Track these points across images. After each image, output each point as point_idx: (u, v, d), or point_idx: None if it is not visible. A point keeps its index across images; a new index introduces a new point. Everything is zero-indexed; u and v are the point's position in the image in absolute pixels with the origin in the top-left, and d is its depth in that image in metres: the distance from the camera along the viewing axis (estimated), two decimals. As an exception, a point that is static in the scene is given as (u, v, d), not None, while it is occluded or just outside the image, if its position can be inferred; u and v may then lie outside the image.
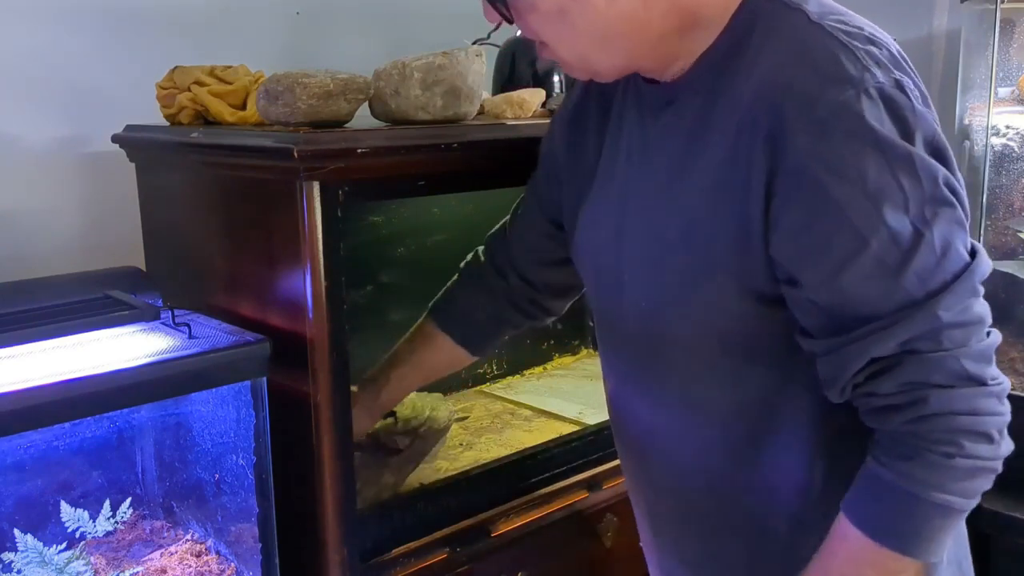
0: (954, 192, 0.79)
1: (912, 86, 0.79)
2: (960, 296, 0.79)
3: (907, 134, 0.77)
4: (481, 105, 1.37)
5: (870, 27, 0.83)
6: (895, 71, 0.78)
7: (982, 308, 0.81)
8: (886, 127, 0.76)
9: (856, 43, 0.78)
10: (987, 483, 0.81)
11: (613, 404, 1.12)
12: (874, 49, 0.79)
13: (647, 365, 1.00)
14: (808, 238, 0.80)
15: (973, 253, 0.81)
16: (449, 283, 1.33)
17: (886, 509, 0.82)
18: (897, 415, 0.81)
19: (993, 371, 0.82)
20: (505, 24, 0.94)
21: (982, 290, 0.82)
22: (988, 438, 0.80)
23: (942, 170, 0.78)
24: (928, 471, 0.80)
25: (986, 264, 0.82)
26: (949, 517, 0.81)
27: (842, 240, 0.78)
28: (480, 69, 1.25)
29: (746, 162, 0.81)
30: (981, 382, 0.80)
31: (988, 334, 0.82)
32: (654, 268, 0.93)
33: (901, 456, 0.81)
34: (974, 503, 0.82)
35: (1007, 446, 0.82)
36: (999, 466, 0.81)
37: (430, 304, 1.33)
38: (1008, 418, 0.82)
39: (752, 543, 0.98)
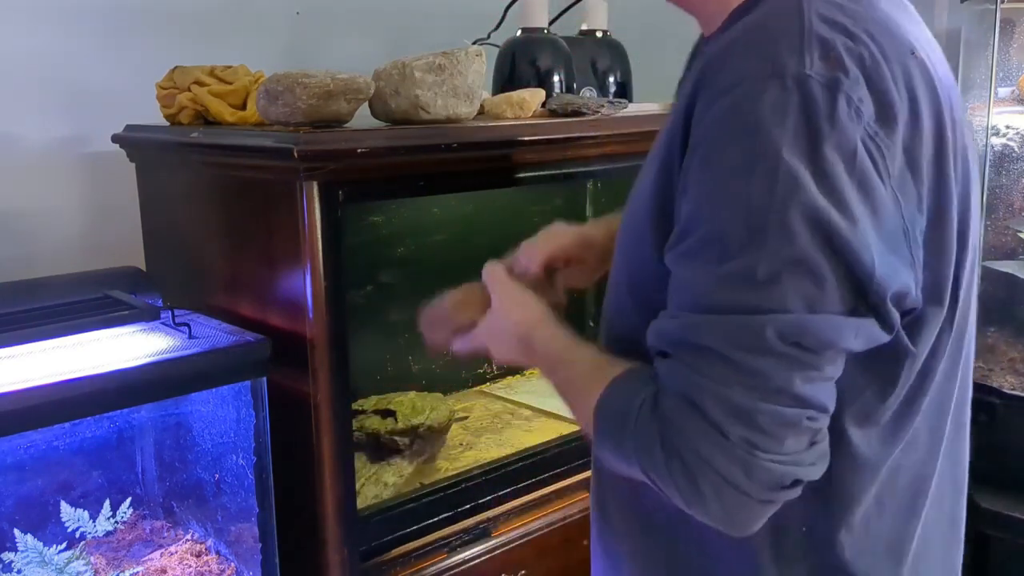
0: (821, 230, 0.66)
1: (858, 97, 0.68)
2: (743, 334, 0.66)
3: (810, 139, 0.67)
4: (481, 105, 1.37)
5: (883, 17, 0.73)
6: (841, 71, 0.68)
7: (777, 374, 0.66)
8: (784, 121, 0.66)
9: (820, 28, 0.70)
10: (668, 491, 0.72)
11: None
12: (835, 41, 0.69)
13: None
14: (680, 205, 0.74)
15: (815, 312, 0.67)
16: None
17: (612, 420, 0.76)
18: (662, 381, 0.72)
19: (745, 434, 0.66)
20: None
21: (797, 357, 0.67)
22: (696, 485, 0.68)
23: (812, 197, 0.66)
24: (643, 447, 0.71)
25: (820, 332, 0.67)
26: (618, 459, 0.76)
27: (688, 213, 0.72)
28: (480, 69, 1.25)
29: (673, 131, 0.77)
30: (716, 427, 0.67)
31: (766, 393, 0.66)
32: (618, 246, 0.90)
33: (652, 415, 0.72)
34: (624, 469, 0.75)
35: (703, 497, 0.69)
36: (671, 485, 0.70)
37: None
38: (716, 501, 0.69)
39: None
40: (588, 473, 1.51)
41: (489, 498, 1.40)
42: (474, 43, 1.88)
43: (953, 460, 0.89)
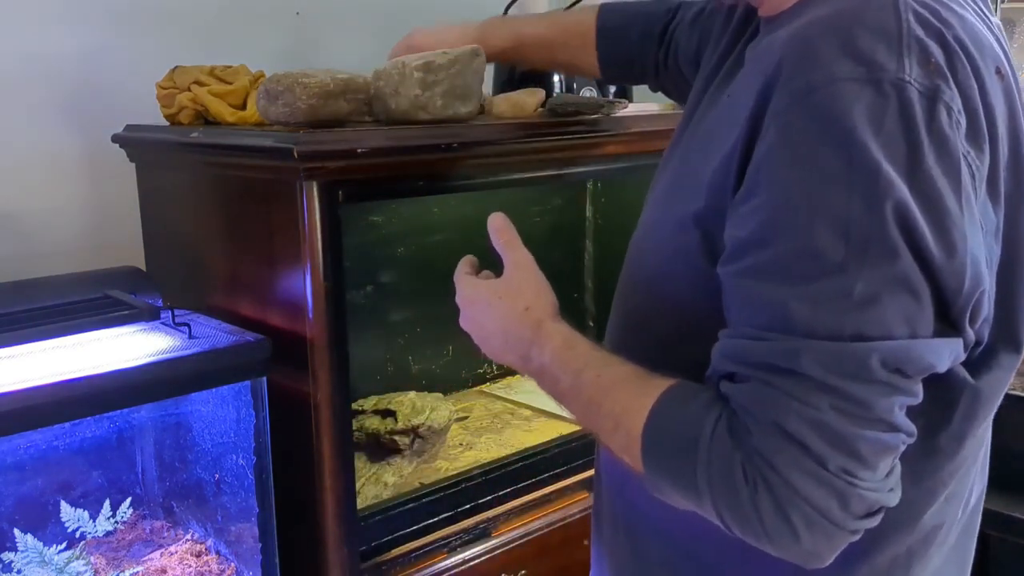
0: (917, 249, 0.62)
1: (956, 107, 0.63)
2: (843, 361, 0.62)
3: (909, 151, 0.62)
4: (481, 105, 1.37)
5: (972, 28, 0.68)
6: (941, 80, 0.63)
7: (873, 397, 0.62)
8: (879, 132, 0.61)
9: (918, 30, 0.64)
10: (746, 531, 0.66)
11: None
12: (934, 46, 0.64)
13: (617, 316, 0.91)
14: (742, 207, 0.68)
15: (914, 336, 0.63)
16: None
17: (666, 436, 0.70)
18: (733, 401, 0.67)
19: (845, 463, 0.62)
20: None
21: (896, 384, 0.63)
22: (786, 518, 0.63)
23: (912, 212, 0.62)
24: (719, 479, 0.66)
25: (919, 358, 0.63)
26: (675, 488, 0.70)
27: (762, 221, 0.65)
28: (480, 69, 1.25)
29: (733, 120, 0.71)
30: (814, 457, 0.62)
31: (869, 423, 0.63)
32: (650, 210, 0.86)
33: (725, 431, 0.66)
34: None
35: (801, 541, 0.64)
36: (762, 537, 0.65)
37: None
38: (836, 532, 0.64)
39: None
40: (588, 473, 1.51)
41: (489, 498, 1.40)
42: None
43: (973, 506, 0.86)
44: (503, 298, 0.86)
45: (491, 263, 1.02)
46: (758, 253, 0.65)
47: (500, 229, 0.89)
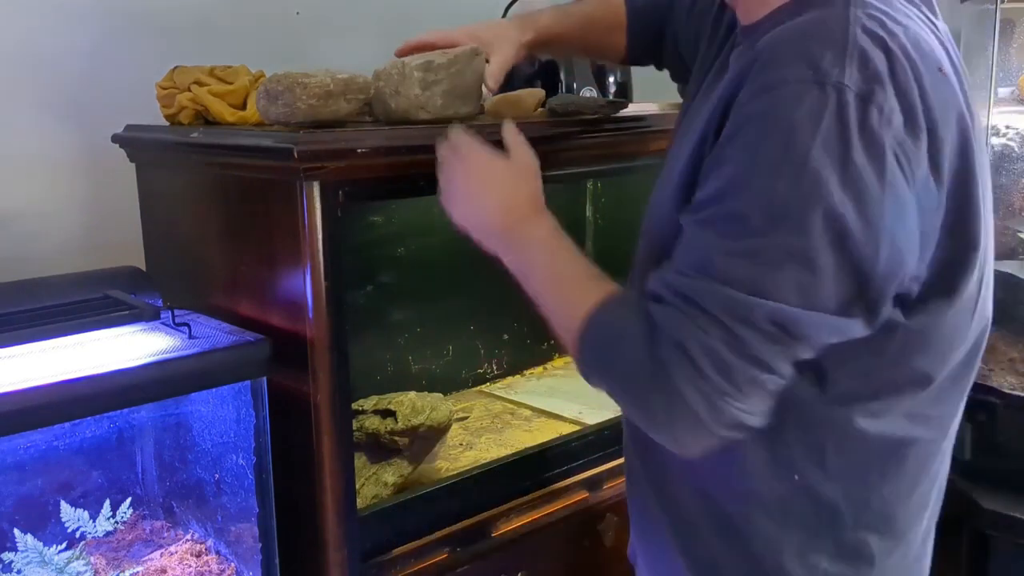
0: (837, 232, 0.75)
1: (890, 107, 0.76)
2: (739, 308, 0.77)
3: (841, 144, 0.74)
4: (481, 105, 1.37)
5: (915, 35, 0.81)
6: (878, 84, 0.76)
7: (758, 347, 0.77)
8: (817, 129, 0.74)
9: (863, 40, 0.77)
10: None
11: None
12: (877, 54, 0.77)
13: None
14: (710, 175, 0.82)
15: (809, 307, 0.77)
16: None
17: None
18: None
19: (721, 383, 0.78)
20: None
21: (778, 338, 0.77)
22: (670, 414, 0.81)
23: (833, 199, 0.74)
24: (630, 373, 0.84)
25: (801, 326, 0.77)
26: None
27: (717, 187, 0.80)
28: (480, 69, 1.25)
29: (713, 113, 0.85)
30: (699, 370, 0.78)
31: (752, 374, 0.78)
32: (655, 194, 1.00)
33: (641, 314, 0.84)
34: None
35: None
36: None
37: None
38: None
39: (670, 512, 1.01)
40: (588, 473, 1.51)
41: (489, 498, 1.40)
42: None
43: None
44: (517, 175, 1.04)
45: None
46: (706, 210, 0.81)
47: (513, 129, 1.08)
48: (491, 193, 1.03)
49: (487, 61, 1.24)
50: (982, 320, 0.94)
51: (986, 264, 0.91)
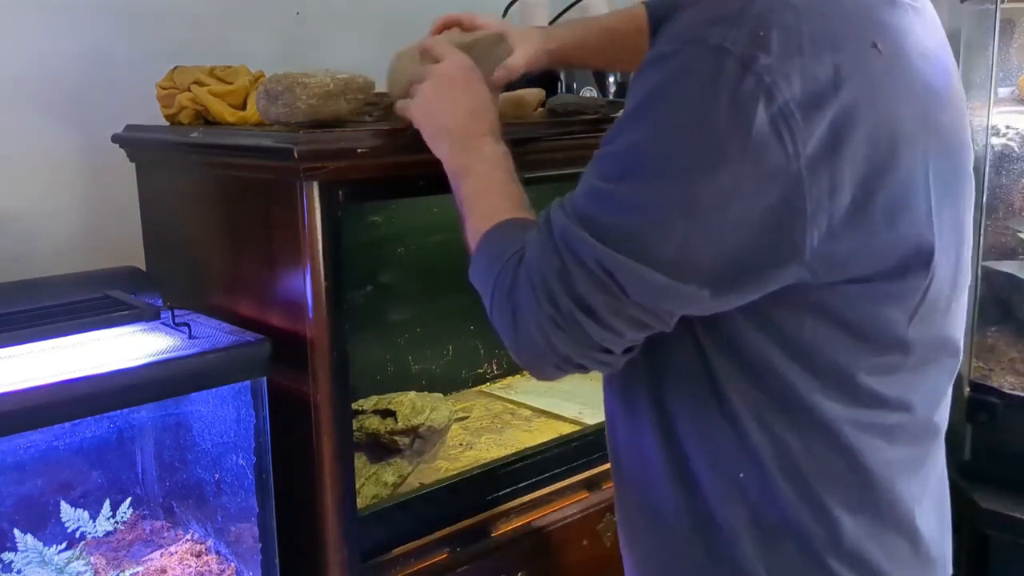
0: (680, 186, 0.74)
1: (771, 81, 0.71)
2: (577, 246, 0.79)
3: (704, 106, 0.72)
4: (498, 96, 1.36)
5: (841, 9, 0.76)
6: (762, 54, 0.71)
7: (580, 284, 0.79)
8: (687, 82, 0.73)
9: (761, 7, 0.73)
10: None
11: None
12: (772, 24, 0.72)
13: None
14: None
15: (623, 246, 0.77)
16: None
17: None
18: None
19: (548, 307, 0.82)
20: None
21: (603, 281, 0.78)
22: (515, 326, 0.87)
23: (681, 158, 0.74)
24: (498, 287, 0.89)
25: (627, 277, 0.77)
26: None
27: (609, 135, 0.82)
28: (502, 56, 1.16)
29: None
30: (532, 288, 0.83)
31: (572, 310, 0.81)
32: None
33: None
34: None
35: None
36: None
37: None
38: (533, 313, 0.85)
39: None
40: (588, 473, 1.51)
41: (489, 498, 1.40)
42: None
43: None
44: (489, 95, 1.08)
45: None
46: (598, 152, 0.82)
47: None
48: (464, 98, 1.06)
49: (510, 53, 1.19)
50: (934, 336, 0.86)
51: (946, 279, 0.84)
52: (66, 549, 1.17)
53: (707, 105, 0.72)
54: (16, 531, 1.13)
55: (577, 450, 1.51)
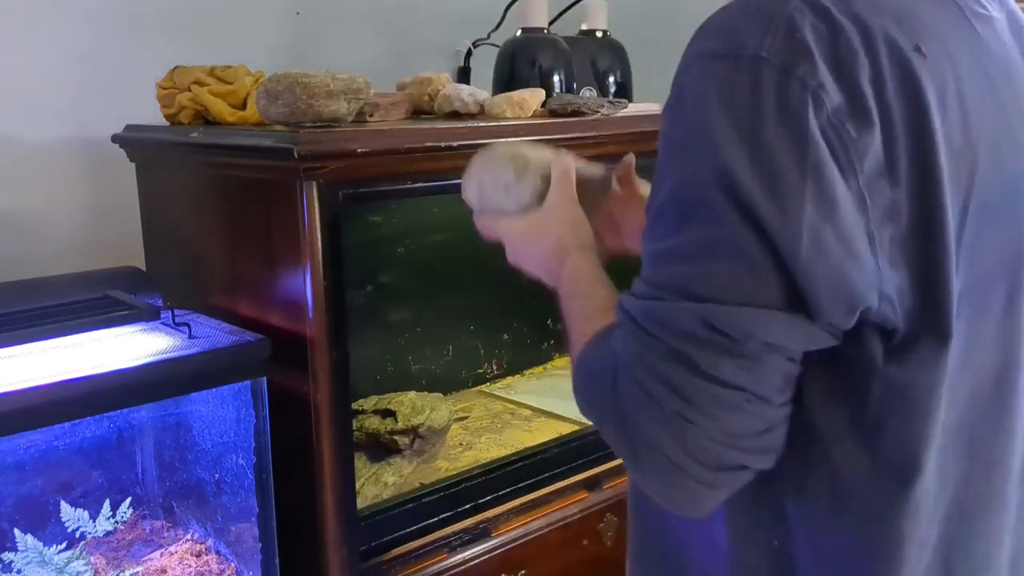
0: (750, 210, 0.64)
1: (817, 84, 0.64)
2: (669, 318, 0.66)
3: (753, 121, 0.64)
4: (481, 105, 1.37)
5: (880, 10, 0.68)
6: (801, 58, 0.64)
7: (703, 359, 0.65)
8: (731, 103, 0.65)
9: (793, 11, 0.66)
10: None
11: None
12: (804, 26, 0.65)
13: None
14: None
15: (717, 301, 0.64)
16: None
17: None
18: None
19: (679, 406, 0.66)
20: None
21: (722, 345, 0.64)
22: (632, 447, 0.69)
23: (743, 181, 0.64)
24: (607, 418, 0.71)
25: (746, 326, 0.64)
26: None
27: (650, 187, 0.73)
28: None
29: None
30: (654, 399, 0.67)
31: (712, 392, 0.65)
32: None
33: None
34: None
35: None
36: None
37: None
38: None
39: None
40: (588, 473, 1.51)
41: (489, 498, 1.40)
42: (474, 43, 1.88)
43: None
44: (539, 231, 0.95)
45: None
46: (647, 216, 0.72)
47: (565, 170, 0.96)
48: (528, 254, 0.97)
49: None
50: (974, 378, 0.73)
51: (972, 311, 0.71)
52: (66, 549, 1.17)
53: (755, 123, 0.64)
54: (16, 531, 1.13)
55: (577, 450, 1.51)
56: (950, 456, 0.72)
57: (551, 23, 1.69)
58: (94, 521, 1.21)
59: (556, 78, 1.60)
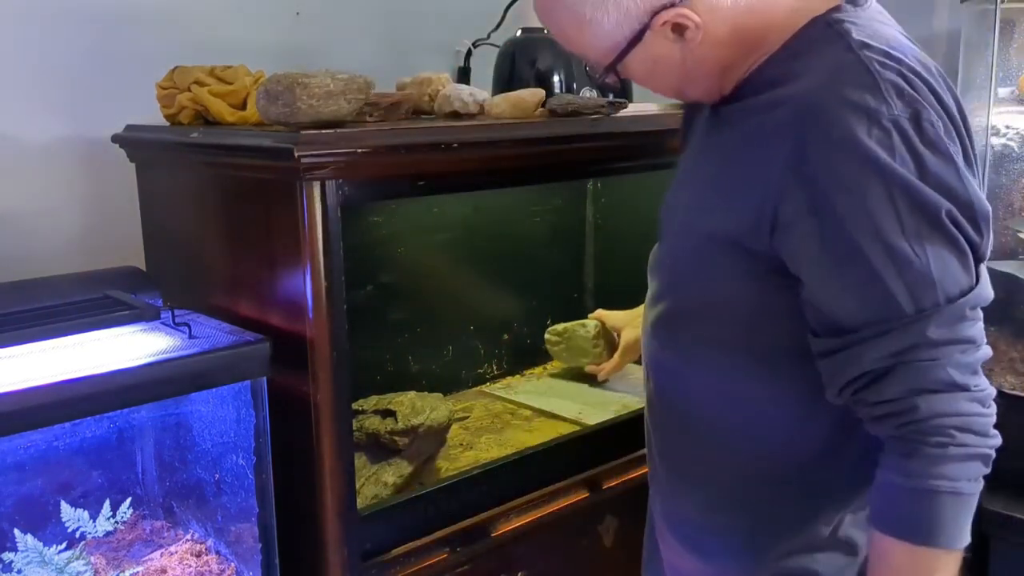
0: (956, 223, 0.85)
1: (933, 119, 0.85)
2: (950, 318, 0.85)
3: (916, 164, 0.84)
4: (481, 105, 1.37)
5: (912, 57, 0.89)
6: (916, 104, 0.85)
7: (973, 330, 0.88)
8: (895, 156, 0.83)
9: (887, 74, 0.85)
10: (984, 468, 0.89)
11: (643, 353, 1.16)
12: (901, 82, 0.85)
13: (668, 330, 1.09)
14: (811, 241, 0.88)
15: (978, 280, 0.88)
16: None
17: (904, 509, 0.89)
18: (892, 420, 0.88)
19: (977, 380, 0.88)
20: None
21: (978, 315, 0.88)
22: (975, 432, 0.88)
23: (945, 204, 0.84)
24: (928, 464, 0.87)
25: (984, 294, 0.88)
26: (960, 503, 0.88)
27: (839, 247, 0.86)
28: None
29: (769, 167, 0.90)
30: (964, 388, 0.87)
31: (978, 348, 0.88)
32: (678, 242, 1.06)
33: (902, 455, 0.88)
34: (978, 487, 0.89)
35: (994, 440, 0.90)
36: (991, 452, 0.90)
37: None
38: (992, 419, 0.90)
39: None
40: (588, 473, 1.51)
41: (489, 498, 1.40)
42: (474, 43, 1.88)
43: None
44: None
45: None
46: (849, 268, 0.86)
47: None
48: None
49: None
50: None
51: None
52: (66, 549, 1.17)
53: (919, 162, 0.84)
54: (16, 531, 1.13)
55: (577, 450, 1.51)
56: None
57: (551, 23, 1.69)
58: (94, 521, 1.21)
59: (556, 78, 1.60)
